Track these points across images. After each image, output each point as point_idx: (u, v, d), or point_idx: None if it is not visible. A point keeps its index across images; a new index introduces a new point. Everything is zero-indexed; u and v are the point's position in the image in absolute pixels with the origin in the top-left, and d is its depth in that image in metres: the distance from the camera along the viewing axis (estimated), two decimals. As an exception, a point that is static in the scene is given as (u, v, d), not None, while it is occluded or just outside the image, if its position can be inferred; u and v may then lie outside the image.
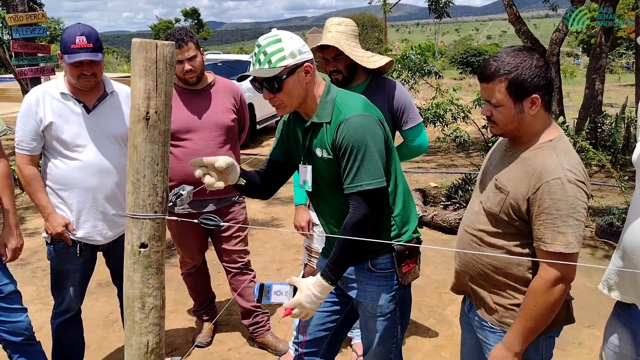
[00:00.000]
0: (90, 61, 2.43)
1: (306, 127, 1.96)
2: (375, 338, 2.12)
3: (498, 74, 1.71)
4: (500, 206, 1.78)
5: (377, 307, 2.05)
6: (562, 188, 1.65)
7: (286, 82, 1.84)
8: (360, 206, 1.85)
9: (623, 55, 30.15)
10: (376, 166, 1.85)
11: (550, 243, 1.66)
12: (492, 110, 1.77)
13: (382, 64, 2.68)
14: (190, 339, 3.51)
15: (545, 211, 1.67)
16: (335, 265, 1.87)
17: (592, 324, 3.62)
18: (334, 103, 1.91)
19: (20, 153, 2.54)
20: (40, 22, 6.87)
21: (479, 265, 1.89)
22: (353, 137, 1.83)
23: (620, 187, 5.46)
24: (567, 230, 1.65)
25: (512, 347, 1.77)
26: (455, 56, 39.56)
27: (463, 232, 1.98)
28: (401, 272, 2.04)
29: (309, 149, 1.97)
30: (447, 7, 15.57)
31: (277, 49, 1.81)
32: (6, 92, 19.29)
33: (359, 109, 1.89)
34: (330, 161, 1.91)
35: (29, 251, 4.89)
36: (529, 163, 1.74)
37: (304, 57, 1.86)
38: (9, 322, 2.50)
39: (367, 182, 1.84)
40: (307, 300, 1.86)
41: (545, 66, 1.73)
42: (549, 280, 1.67)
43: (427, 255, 4.91)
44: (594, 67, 9.35)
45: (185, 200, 1.68)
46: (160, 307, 1.49)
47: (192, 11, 59.11)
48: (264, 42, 1.84)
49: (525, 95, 1.71)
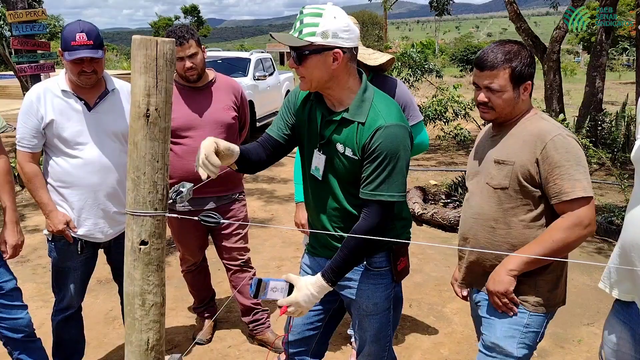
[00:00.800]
0: (90, 58, 2.43)
1: (332, 118, 1.89)
2: (369, 336, 2.12)
3: (502, 61, 1.90)
4: (508, 178, 1.92)
5: (372, 306, 2.05)
6: (565, 142, 1.85)
7: (309, 59, 1.78)
8: (375, 215, 1.83)
9: (626, 51, 30.09)
10: (402, 180, 1.84)
11: (571, 191, 1.82)
12: (490, 96, 1.94)
13: (384, 61, 2.68)
14: (190, 336, 3.51)
15: (558, 164, 1.83)
16: (339, 268, 1.85)
17: (591, 322, 3.63)
18: (372, 104, 1.85)
19: (22, 150, 2.54)
20: (40, 19, 6.86)
21: (495, 248, 1.97)
22: (389, 146, 1.79)
23: (621, 185, 5.47)
24: (580, 176, 1.83)
25: (508, 265, 1.92)
26: (455, 54, 39.54)
27: (471, 221, 2.06)
28: (396, 270, 2.04)
29: (329, 139, 1.91)
30: (447, 4, 15.54)
31: (312, 23, 1.74)
32: (6, 89, 19.28)
33: (398, 119, 1.84)
34: (353, 161, 1.86)
35: (29, 248, 4.89)
36: (524, 133, 1.93)
37: (338, 42, 1.76)
38: (9, 319, 2.50)
39: (390, 194, 1.82)
40: (304, 300, 1.85)
41: (533, 58, 1.97)
42: (573, 222, 1.83)
43: (427, 253, 4.91)
44: (594, 64, 9.34)
45: (185, 197, 1.68)
46: (161, 304, 1.49)
47: (192, 8, 59.01)
48: (307, 10, 1.77)
49: (521, 82, 1.92)
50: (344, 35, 1.77)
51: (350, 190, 1.91)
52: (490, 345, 2.01)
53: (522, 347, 1.97)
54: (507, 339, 1.97)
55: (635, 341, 1.74)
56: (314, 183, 2.04)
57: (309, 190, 2.08)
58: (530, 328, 1.97)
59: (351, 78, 1.87)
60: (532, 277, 1.94)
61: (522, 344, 1.97)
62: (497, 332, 1.99)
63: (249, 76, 10.84)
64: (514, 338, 1.97)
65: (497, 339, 1.99)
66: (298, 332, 2.21)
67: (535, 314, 1.96)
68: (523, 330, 1.96)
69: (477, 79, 1.97)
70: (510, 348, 1.96)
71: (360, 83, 1.90)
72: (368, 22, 52.71)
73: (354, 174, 1.88)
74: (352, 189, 1.91)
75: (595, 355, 3.12)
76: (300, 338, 2.22)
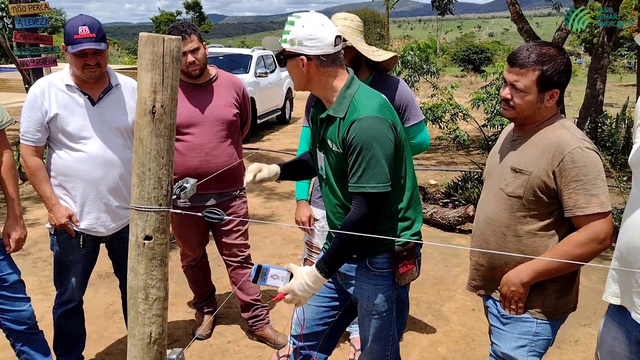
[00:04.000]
0: (94, 51, 2.44)
1: (321, 117, 2.00)
2: (370, 335, 2.14)
3: (533, 62, 1.83)
4: (524, 187, 1.89)
5: (372, 306, 2.07)
6: (583, 155, 1.80)
7: (287, 62, 1.96)
8: (361, 207, 1.89)
9: (624, 56, 30.11)
10: (382, 171, 1.87)
11: (587, 206, 1.80)
12: (512, 94, 1.89)
13: (387, 57, 2.70)
14: (190, 331, 3.53)
15: (575, 179, 1.80)
16: (331, 259, 1.92)
17: (588, 323, 3.65)
18: (352, 99, 1.91)
19: (25, 144, 2.55)
20: (42, 12, 6.86)
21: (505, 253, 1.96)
22: (363, 138, 1.84)
23: (620, 188, 5.48)
24: (598, 191, 1.80)
25: (522, 277, 1.90)
26: (457, 53, 39.52)
27: (485, 224, 2.04)
28: (398, 273, 2.05)
29: (323, 137, 2.01)
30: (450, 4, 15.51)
31: (286, 30, 1.91)
32: (7, 82, 19.27)
33: (374, 111, 1.88)
34: (339, 155, 1.94)
35: (30, 242, 4.90)
36: (543, 142, 1.88)
37: (302, 49, 1.89)
38: (12, 311, 2.52)
39: (371, 185, 1.87)
40: (299, 288, 1.92)
41: (570, 66, 1.89)
42: (589, 237, 1.81)
43: (426, 252, 4.93)
44: (595, 66, 9.35)
45: (189, 193, 1.70)
46: (164, 299, 1.51)
47: (194, 4, 58.89)
48: (290, 17, 1.93)
49: (549, 88, 1.86)
50: (308, 43, 1.88)
51: (343, 184, 1.98)
52: (501, 356, 2.03)
53: (533, 355, 1.98)
54: (518, 349, 1.98)
55: (630, 342, 1.76)
56: (321, 182, 2.13)
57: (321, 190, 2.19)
58: (540, 336, 1.97)
59: (331, 79, 1.95)
60: (540, 285, 1.94)
61: (533, 351, 1.98)
62: (508, 344, 2.00)
63: (250, 73, 10.84)
64: (524, 347, 1.98)
65: (509, 350, 2.00)
66: (307, 327, 2.24)
67: (543, 322, 1.96)
68: (533, 338, 1.97)
69: (506, 73, 1.92)
70: (521, 358, 1.98)
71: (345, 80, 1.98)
72: (370, 20, 52.65)
73: (342, 169, 1.96)
74: (343, 183, 1.98)
75: (592, 356, 3.15)
76: (309, 332, 2.25)
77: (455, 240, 5.27)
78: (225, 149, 3.05)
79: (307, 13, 1.94)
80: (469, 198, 5.85)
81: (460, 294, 4.09)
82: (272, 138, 11.12)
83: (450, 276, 4.45)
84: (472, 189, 5.93)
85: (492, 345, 2.09)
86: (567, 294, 1.99)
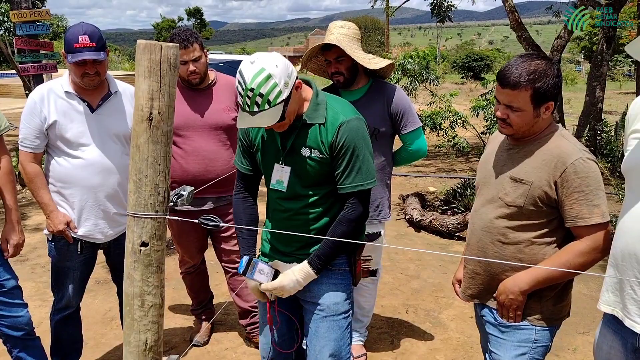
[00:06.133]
0: (93, 60, 2.45)
1: (292, 126, 1.96)
2: (331, 341, 2.07)
3: (525, 82, 1.82)
4: (524, 197, 1.89)
5: (333, 305, 2.07)
6: (585, 166, 1.82)
7: (287, 110, 1.85)
8: (359, 205, 1.98)
9: (621, 63, 30.20)
10: (371, 167, 1.99)
11: (589, 217, 1.82)
12: (509, 114, 1.89)
13: (383, 65, 2.71)
14: (188, 337, 3.52)
15: (577, 190, 1.81)
16: (326, 255, 1.98)
17: (586, 331, 3.64)
18: (327, 106, 1.97)
19: (24, 150, 2.56)
20: (43, 19, 6.89)
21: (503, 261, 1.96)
22: (354, 139, 1.93)
23: (618, 195, 5.49)
24: (600, 202, 1.83)
25: (522, 285, 1.91)
26: (457, 61, 39.63)
27: (480, 233, 2.04)
28: (355, 273, 2.11)
29: (292, 148, 1.99)
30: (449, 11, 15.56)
31: (272, 86, 1.76)
32: (8, 87, 19.34)
33: (354, 112, 1.99)
34: (321, 161, 1.96)
35: (29, 247, 4.91)
36: (544, 152, 1.88)
37: (293, 77, 1.84)
38: (10, 317, 2.52)
39: (367, 182, 1.97)
40: (290, 285, 1.98)
41: (560, 75, 1.89)
42: (591, 247, 1.83)
43: (425, 259, 4.93)
44: (594, 74, 9.38)
45: (186, 200, 1.71)
46: (160, 306, 1.51)
47: (195, 10, 59.15)
48: (254, 84, 1.75)
49: (543, 102, 1.86)
50: (289, 68, 1.83)
51: (316, 190, 2.01)
52: None
53: None
54: (518, 358, 1.98)
55: (626, 350, 1.75)
56: (276, 196, 2.09)
57: (271, 206, 2.16)
58: (539, 343, 1.98)
59: (305, 92, 1.98)
60: (537, 292, 1.94)
61: (533, 359, 1.98)
62: (508, 352, 2.00)
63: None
64: (524, 355, 1.98)
65: (509, 358, 1.99)
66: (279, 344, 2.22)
67: (542, 329, 1.97)
68: (532, 346, 1.97)
69: (498, 94, 1.90)
70: None
71: (311, 89, 2.01)
72: (370, 27, 52.86)
73: (323, 174, 1.99)
74: (318, 189, 2.01)
75: (590, 364, 3.14)
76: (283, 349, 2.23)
77: (454, 248, 5.26)
78: (223, 152, 3.05)
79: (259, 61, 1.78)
80: (468, 205, 5.85)
81: (459, 302, 4.08)
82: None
83: (449, 283, 4.44)
84: (471, 196, 5.93)
85: (490, 354, 2.08)
86: (563, 300, 2.01)
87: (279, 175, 2.04)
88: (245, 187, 2.22)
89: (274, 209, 2.13)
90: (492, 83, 9.26)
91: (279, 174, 2.04)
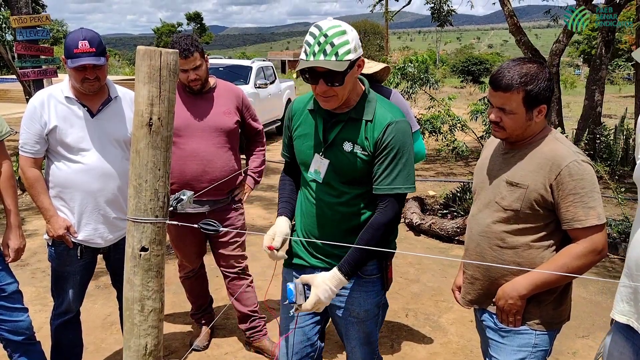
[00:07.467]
0: (93, 65, 2.46)
1: (338, 119, 1.95)
2: (359, 342, 2.14)
3: (516, 84, 1.84)
4: (521, 201, 1.89)
5: (363, 313, 2.08)
6: (580, 169, 1.82)
7: (348, 76, 1.83)
8: (393, 207, 1.93)
9: (621, 67, 30.22)
10: (412, 172, 1.95)
11: (585, 219, 1.82)
12: (502, 117, 1.90)
13: (378, 69, 2.73)
14: (187, 342, 3.52)
15: (572, 192, 1.82)
16: (356, 261, 1.91)
17: (586, 334, 3.64)
18: (377, 104, 1.95)
19: (24, 155, 2.57)
20: (43, 24, 6.91)
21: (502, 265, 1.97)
22: (401, 140, 1.91)
23: (618, 199, 5.49)
24: (595, 204, 1.83)
25: (520, 289, 1.91)
26: (456, 65, 39.70)
27: (478, 238, 2.04)
28: (387, 278, 2.09)
29: (334, 140, 1.96)
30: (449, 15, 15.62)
31: (344, 42, 1.78)
32: (8, 92, 19.36)
33: (402, 115, 1.96)
34: (363, 158, 1.92)
35: (29, 252, 4.90)
36: (539, 155, 1.89)
37: (360, 51, 1.85)
38: (10, 321, 2.52)
39: (406, 186, 1.93)
40: (324, 296, 1.90)
41: (551, 79, 1.90)
42: (588, 249, 1.83)
43: (424, 263, 4.93)
44: (593, 78, 9.40)
45: (186, 205, 1.71)
46: (159, 310, 1.51)
47: (195, 15, 59.28)
48: (330, 32, 1.77)
49: (536, 105, 1.87)
50: (360, 43, 1.87)
51: (351, 188, 1.98)
52: None
53: None
54: None
55: (637, 357, 1.74)
56: (310, 187, 2.07)
57: (305, 197, 2.11)
58: (539, 347, 1.98)
59: (357, 81, 1.96)
60: (537, 296, 1.94)
61: None
62: (508, 357, 1.99)
63: (250, 84, 10.89)
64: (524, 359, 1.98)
65: None
66: (297, 352, 2.19)
67: (541, 333, 1.97)
68: (532, 350, 1.97)
69: (491, 97, 1.93)
70: None
71: (363, 85, 1.99)
72: (370, 31, 52.91)
73: (361, 171, 1.94)
74: (353, 187, 1.97)
75: (590, 368, 3.14)
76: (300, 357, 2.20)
77: (454, 252, 5.26)
78: (222, 155, 3.06)
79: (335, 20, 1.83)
80: (467, 209, 5.85)
81: (459, 306, 4.07)
82: (272, 149, 11.13)
83: (449, 287, 4.44)
84: (471, 200, 5.93)
85: (490, 358, 2.08)
86: (563, 304, 2.00)
87: (317, 165, 2.02)
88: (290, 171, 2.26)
89: (306, 202, 2.09)
90: (490, 87, 9.21)
91: (317, 164, 2.01)
